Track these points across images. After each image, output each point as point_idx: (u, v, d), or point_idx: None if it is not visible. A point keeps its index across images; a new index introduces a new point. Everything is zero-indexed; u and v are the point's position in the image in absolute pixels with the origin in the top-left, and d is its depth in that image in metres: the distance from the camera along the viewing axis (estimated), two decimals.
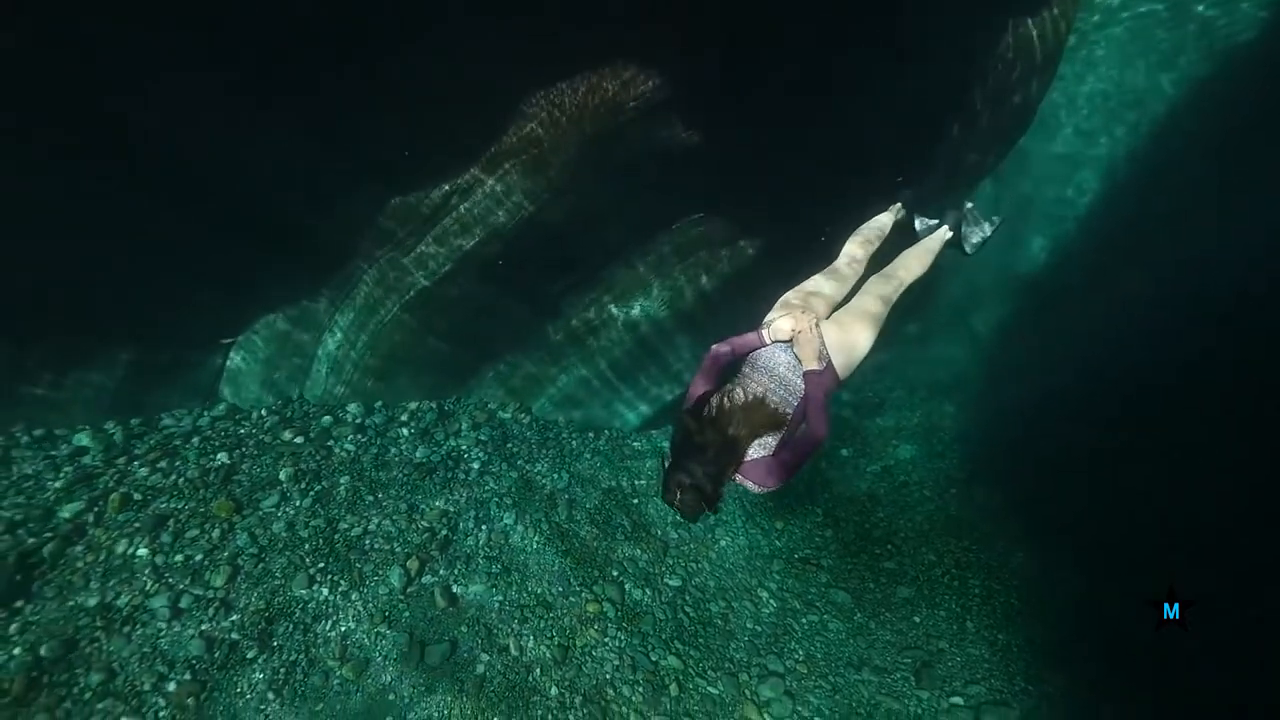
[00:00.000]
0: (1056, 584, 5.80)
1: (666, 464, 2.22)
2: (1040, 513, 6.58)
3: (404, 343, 6.09)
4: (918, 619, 5.58)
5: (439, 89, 4.43)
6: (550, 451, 6.66)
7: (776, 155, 4.80)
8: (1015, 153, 7.26)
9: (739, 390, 2.40)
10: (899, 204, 3.45)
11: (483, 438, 6.54)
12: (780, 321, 2.53)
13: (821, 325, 2.53)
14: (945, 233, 3.30)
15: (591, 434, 7.10)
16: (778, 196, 5.23)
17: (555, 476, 6.34)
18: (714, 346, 2.54)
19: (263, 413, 6.02)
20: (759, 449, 2.29)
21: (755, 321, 2.70)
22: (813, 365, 2.39)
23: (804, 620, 5.45)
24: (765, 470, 2.23)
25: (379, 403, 6.47)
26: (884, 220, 3.31)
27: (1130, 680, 4.73)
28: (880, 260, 3.09)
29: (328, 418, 6.15)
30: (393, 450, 6.05)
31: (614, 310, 6.34)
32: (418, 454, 6.07)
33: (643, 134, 4.71)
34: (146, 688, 3.77)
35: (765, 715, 4.58)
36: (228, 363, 6.04)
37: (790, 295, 2.78)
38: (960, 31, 5.02)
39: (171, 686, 3.82)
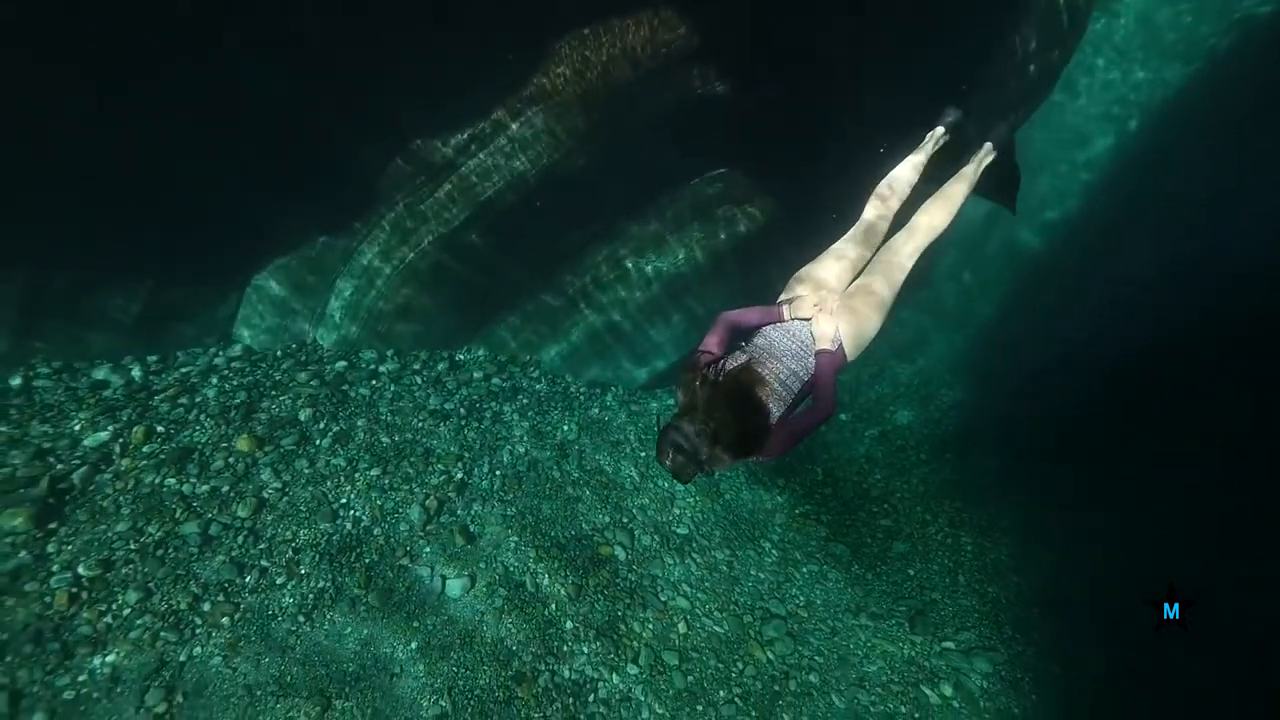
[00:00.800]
0: (1042, 552, 6.04)
1: (663, 423, 2.17)
2: (1034, 486, 6.80)
3: (419, 291, 6.12)
4: (912, 571, 5.85)
5: (464, 31, 4.39)
6: (560, 403, 6.79)
7: (808, 105, 4.79)
8: (1023, 125, 7.28)
9: (747, 359, 2.42)
10: (941, 129, 3.26)
11: (494, 388, 6.64)
12: (798, 301, 2.57)
13: (836, 307, 2.56)
14: (989, 153, 3.12)
15: (600, 388, 7.22)
16: (804, 151, 5.25)
17: (566, 428, 6.47)
18: (724, 313, 2.53)
19: (278, 355, 6.06)
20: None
21: (772, 283, 2.73)
22: (826, 345, 2.43)
23: (804, 570, 5.69)
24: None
25: (391, 350, 6.53)
26: (914, 164, 3.13)
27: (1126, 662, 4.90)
28: (906, 206, 3.01)
29: (343, 362, 6.21)
30: (407, 396, 6.13)
31: (629, 265, 6.40)
32: (431, 401, 6.17)
33: (673, 82, 4.71)
34: (183, 606, 3.91)
35: (769, 653, 4.83)
36: (243, 304, 6.05)
37: (806, 271, 2.78)
38: None
39: (206, 606, 3.97)
